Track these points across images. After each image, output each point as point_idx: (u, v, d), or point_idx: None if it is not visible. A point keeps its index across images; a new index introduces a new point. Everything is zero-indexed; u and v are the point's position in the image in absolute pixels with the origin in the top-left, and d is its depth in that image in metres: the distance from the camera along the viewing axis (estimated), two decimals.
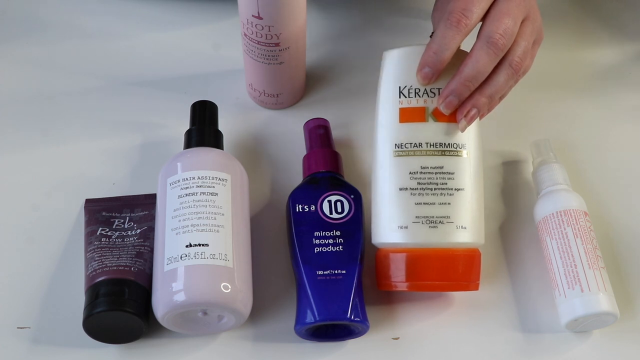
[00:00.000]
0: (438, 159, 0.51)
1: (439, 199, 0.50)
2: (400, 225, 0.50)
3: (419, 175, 0.50)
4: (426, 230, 0.50)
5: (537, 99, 0.67)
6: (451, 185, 0.50)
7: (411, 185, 0.50)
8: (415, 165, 0.51)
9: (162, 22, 0.71)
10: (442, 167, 0.50)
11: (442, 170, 0.50)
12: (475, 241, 0.51)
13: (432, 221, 0.50)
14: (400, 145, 0.51)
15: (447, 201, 0.50)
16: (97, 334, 0.50)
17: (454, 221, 0.50)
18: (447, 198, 0.50)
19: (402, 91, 0.52)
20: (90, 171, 0.60)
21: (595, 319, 0.51)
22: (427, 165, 0.51)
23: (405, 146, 0.51)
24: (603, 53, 0.71)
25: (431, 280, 0.50)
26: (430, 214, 0.50)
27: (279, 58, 0.59)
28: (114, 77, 0.67)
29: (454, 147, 0.51)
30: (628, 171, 0.62)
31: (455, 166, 0.51)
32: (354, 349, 0.52)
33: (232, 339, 0.52)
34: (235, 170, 0.54)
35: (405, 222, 0.50)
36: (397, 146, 0.51)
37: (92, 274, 0.50)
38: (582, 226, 0.53)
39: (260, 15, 0.56)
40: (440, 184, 0.50)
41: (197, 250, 0.48)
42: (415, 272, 0.50)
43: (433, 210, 0.50)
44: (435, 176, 0.50)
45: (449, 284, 0.51)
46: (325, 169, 0.56)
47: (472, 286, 0.51)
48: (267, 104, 0.64)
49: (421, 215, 0.50)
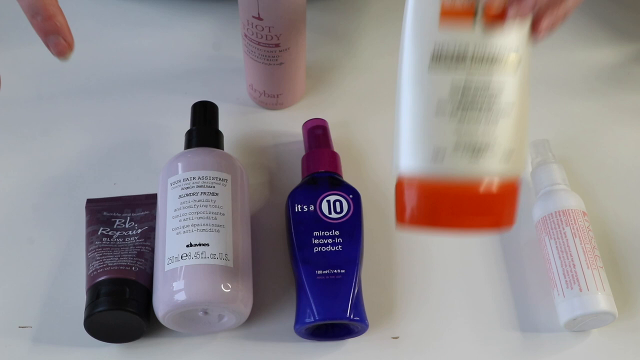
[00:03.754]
0: (484, 75, 0.42)
1: (482, 126, 0.42)
2: (436, 152, 0.42)
3: (460, 95, 0.42)
4: (467, 160, 0.42)
5: (535, 99, 0.67)
6: (497, 107, 0.42)
7: (450, 107, 0.41)
8: (457, 81, 0.41)
9: (162, 23, 0.72)
10: (488, 85, 0.42)
11: (487, 90, 0.42)
12: (518, 170, 0.44)
13: (473, 149, 0.42)
14: (439, 57, 0.42)
15: (491, 128, 0.42)
16: (98, 333, 0.50)
17: (498, 149, 0.42)
18: (491, 122, 0.42)
19: None
20: (91, 171, 0.61)
21: (594, 318, 0.51)
22: (471, 82, 0.42)
23: (445, 58, 0.41)
24: (603, 53, 0.71)
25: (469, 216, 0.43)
26: (473, 140, 0.42)
27: (279, 59, 0.60)
28: (114, 78, 0.67)
29: (504, 59, 0.42)
30: (627, 171, 0.62)
31: (503, 83, 0.42)
32: (354, 348, 0.52)
33: (232, 339, 0.52)
34: (235, 170, 0.54)
35: (442, 151, 0.42)
36: (435, 58, 0.42)
37: (93, 273, 0.51)
38: (581, 226, 0.53)
39: (261, 16, 0.56)
40: (485, 106, 0.42)
41: (197, 250, 0.49)
42: (452, 208, 0.43)
43: (476, 135, 0.42)
44: (479, 97, 0.42)
45: (487, 219, 0.44)
46: (324, 169, 0.56)
47: (509, 221, 0.44)
48: (267, 104, 0.64)
49: (462, 142, 0.41)
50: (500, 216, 0.44)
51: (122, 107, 0.65)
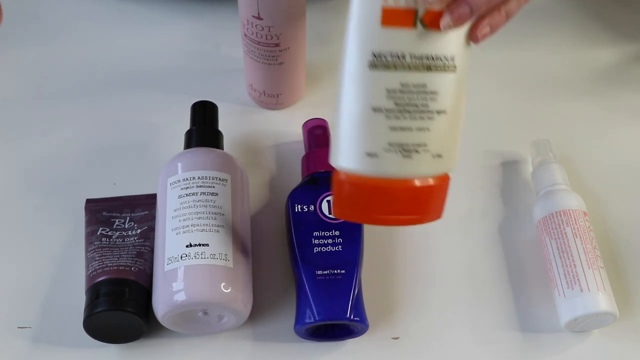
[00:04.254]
0: (422, 75, 0.42)
1: (418, 124, 0.42)
2: (370, 152, 0.42)
3: (398, 95, 0.42)
4: (399, 160, 0.42)
5: (536, 99, 0.67)
6: (432, 108, 0.42)
7: (387, 105, 0.42)
8: (394, 81, 0.42)
9: (162, 22, 0.72)
10: (425, 85, 0.42)
11: (424, 89, 0.42)
12: (449, 168, 0.45)
13: (406, 149, 0.42)
14: (379, 56, 0.41)
15: (426, 126, 0.42)
16: (98, 334, 0.50)
17: (430, 149, 0.43)
18: (426, 122, 0.42)
19: None
20: (91, 171, 0.60)
21: (595, 318, 0.51)
22: (408, 83, 0.42)
23: (385, 57, 0.41)
24: (603, 53, 0.71)
25: (396, 214, 0.44)
26: (406, 140, 0.42)
27: (279, 58, 0.59)
28: (113, 77, 0.67)
29: (442, 60, 0.42)
30: (627, 171, 0.62)
31: (439, 84, 0.42)
32: (354, 348, 0.52)
33: (232, 339, 0.52)
34: (235, 170, 0.54)
35: (375, 150, 0.42)
36: (375, 56, 0.41)
37: (92, 273, 0.51)
38: (582, 226, 0.53)
39: (261, 16, 0.56)
40: (420, 105, 0.42)
41: (197, 250, 0.48)
42: (381, 205, 0.44)
43: (409, 136, 0.42)
44: (416, 96, 0.42)
45: (415, 217, 0.45)
46: (324, 169, 0.56)
47: (436, 215, 0.46)
48: (267, 104, 0.64)
49: (394, 143, 0.42)
50: (428, 212, 0.45)
51: (121, 106, 0.65)
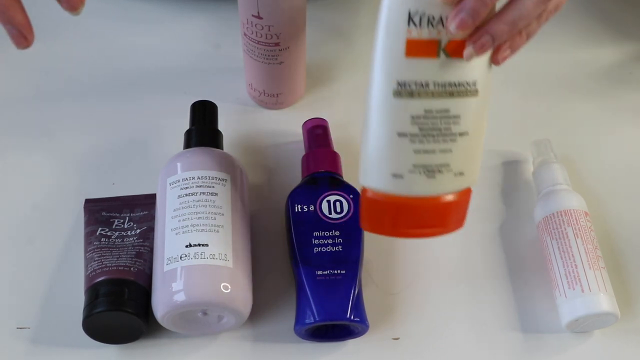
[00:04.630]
0: (445, 101, 0.44)
1: (441, 146, 0.44)
2: (395, 173, 0.45)
3: (421, 120, 0.44)
4: (423, 180, 0.45)
5: (537, 99, 0.67)
6: (455, 130, 0.44)
7: (412, 131, 0.44)
8: (418, 108, 0.43)
9: (162, 22, 0.72)
10: (448, 110, 0.44)
11: (447, 114, 0.44)
12: (471, 183, 0.47)
13: (430, 170, 0.45)
14: (403, 84, 0.43)
15: (449, 148, 0.44)
16: (97, 334, 0.50)
17: (453, 169, 0.45)
18: (449, 145, 0.44)
19: (413, 18, 0.42)
20: (90, 171, 0.60)
21: (596, 319, 0.51)
22: (431, 109, 0.44)
23: (409, 85, 0.43)
24: (603, 53, 0.71)
25: (421, 228, 0.47)
26: (429, 162, 0.44)
27: (279, 58, 0.59)
28: (113, 77, 0.67)
29: (464, 86, 0.44)
30: (628, 171, 0.62)
31: (462, 108, 0.44)
32: (354, 349, 0.52)
33: (232, 339, 0.52)
34: (235, 170, 0.54)
35: (400, 171, 0.44)
36: (399, 85, 0.43)
37: (91, 274, 0.50)
38: (583, 226, 0.53)
39: (260, 15, 0.56)
40: (444, 129, 0.44)
41: (197, 250, 0.48)
42: (406, 220, 0.47)
43: (433, 158, 0.44)
44: (439, 121, 0.44)
45: (438, 230, 0.48)
46: (324, 169, 0.56)
47: (458, 226, 0.48)
48: (267, 104, 0.64)
49: (419, 164, 0.44)
50: (450, 224, 0.47)
51: (121, 106, 0.65)
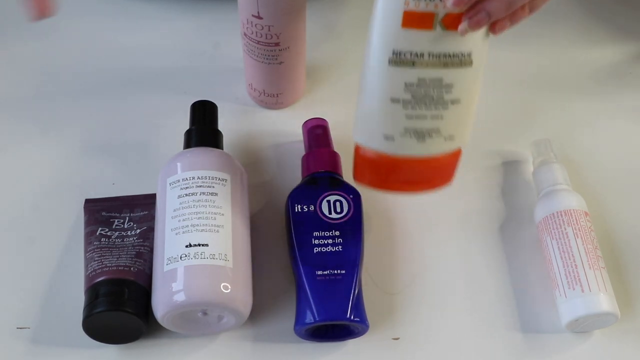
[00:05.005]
0: (438, 71, 0.45)
1: (432, 113, 0.46)
2: (387, 135, 0.47)
3: (415, 88, 0.46)
4: (413, 143, 0.47)
5: (537, 99, 0.67)
6: (447, 98, 0.46)
7: (405, 97, 0.46)
8: (412, 76, 0.45)
9: (162, 22, 0.72)
10: (441, 79, 0.45)
11: (440, 83, 0.46)
12: (461, 145, 0.49)
13: (420, 134, 0.47)
14: (398, 54, 0.45)
15: (440, 114, 0.46)
16: (97, 334, 0.50)
17: (443, 134, 0.47)
18: (440, 112, 0.46)
19: None
20: (90, 171, 0.60)
21: (596, 319, 0.51)
22: (425, 78, 0.45)
23: (404, 55, 0.45)
24: (603, 53, 0.71)
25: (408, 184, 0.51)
26: (420, 127, 0.47)
27: (279, 58, 0.59)
28: (113, 77, 0.67)
29: (458, 57, 0.45)
30: (628, 171, 0.62)
31: (455, 78, 0.46)
32: (354, 349, 0.52)
33: (232, 339, 0.52)
34: (235, 170, 0.54)
35: (392, 133, 0.47)
36: (395, 54, 0.45)
37: (91, 274, 0.50)
38: (583, 226, 0.53)
39: (260, 15, 0.56)
40: (436, 97, 0.46)
41: (196, 250, 0.48)
42: (394, 177, 0.50)
43: (423, 123, 0.47)
44: (432, 89, 0.46)
45: (425, 186, 0.52)
46: (324, 169, 0.56)
47: (446, 182, 0.51)
48: (267, 104, 0.64)
49: (410, 128, 0.47)
50: (438, 182, 0.51)
51: (121, 106, 0.65)
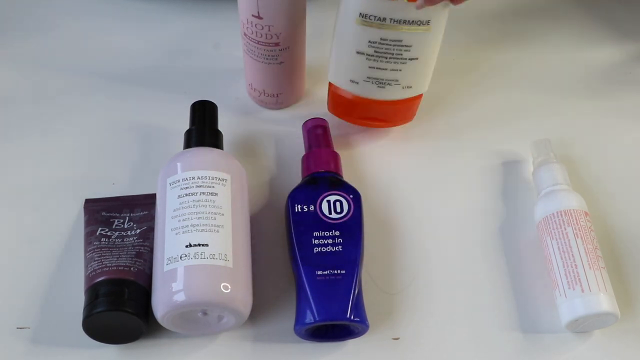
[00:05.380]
0: (399, 34, 0.53)
1: (392, 66, 0.55)
2: (353, 80, 0.56)
3: (377, 45, 0.53)
4: (375, 89, 0.56)
5: (537, 99, 0.67)
6: (406, 56, 0.54)
7: (368, 52, 0.54)
8: (375, 36, 0.53)
9: (162, 22, 0.72)
10: (401, 40, 0.53)
11: (400, 44, 0.53)
12: (420, 92, 0.58)
13: (381, 82, 0.56)
14: (364, 16, 0.52)
15: (398, 68, 0.55)
16: (97, 334, 0.50)
17: (401, 83, 0.56)
18: (399, 66, 0.55)
19: None
20: (90, 171, 0.60)
21: (596, 319, 0.51)
22: (387, 38, 0.53)
23: (369, 17, 0.52)
24: (603, 53, 0.71)
25: (371, 120, 0.61)
26: (381, 77, 0.55)
27: (279, 58, 0.59)
28: (113, 77, 0.67)
29: (417, 24, 0.52)
30: (628, 171, 0.62)
31: (414, 40, 0.53)
32: (354, 349, 0.52)
33: (232, 339, 0.52)
34: (235, 170, 0.54)
35: (357, 79, 0.56)
36: (361, 15, 0.52)
37: (91, 274, 0.50)
38: (583, 226, 0.53)
39: (260, 15, 0.56)
40: (395, 54, 0.54)
41: (197, 250, 0.48)
42: (359, 113, 0.60)
43: (384, 74, 0.55)
44: (392, 47, 0.53)
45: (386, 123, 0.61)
46: (324, 169, 0.56)
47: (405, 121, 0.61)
48: (267, 103, 0.64)
49: (372, 77, 0.56)
50: (400, 120, 0.61)
51: (121, 106, 0.65)
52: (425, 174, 0.61)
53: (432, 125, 0.64)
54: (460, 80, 0.68)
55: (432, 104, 0.66)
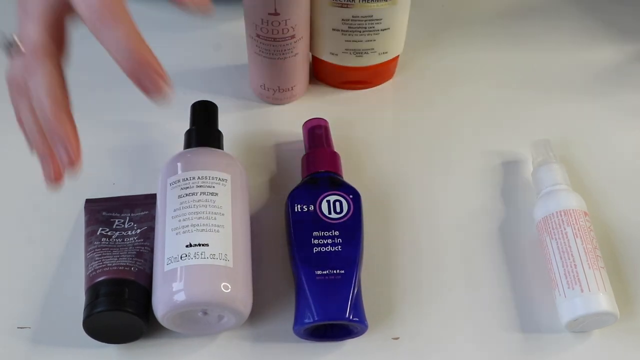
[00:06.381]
0: (368, 10, 0.59)
1: (366, 38, 0.61)
2: (332, 52, 0.63)
3: (350, 22, 0.60)
4: (353, 58, 0.63)
5: (537, 99, 0.67)
6: (378, 28, 0.61)
7: (343, 28, 0.61)
8: (347, 14, 0.59)
9: (162, 22, 0.72)
10: (371, 15, 0.60)
11: (371, 18, 0.60)
12: (395, 54, 0.65)
13: (358, 52, 0.62)
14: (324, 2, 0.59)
15: (372, 39, 0.61)
16: (97, 334, 0.50)
17: (377, 51, 0.63)
18: (372, 37, 0.61)
19: None
20: (90, 171, 0.60)
21: (595, 319, 0.51)
22: (358, 15, 0.59)
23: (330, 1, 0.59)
24: (603, 53, 0.71)
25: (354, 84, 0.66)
26: (357, 47, 0.62)
27: (294, 50, 0.60)
28: (113, 77, 0.67)
29: (384, 0, 0.59)
30: (628, 171, 0.62)
31: (383, 14, 0.60)
32: (353, 349, 0.52)
33: (232, 339, 0.52)
34: (235, 170, 0.54)
35: (336, 52, 0.63)
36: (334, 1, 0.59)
37: (92, 274, 0.50)
38: (582, 226, 0.53)
39: (277, 12, 0.56)
40: (368, 27, 0.60)
41: (197, 250, 0.48)
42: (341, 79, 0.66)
43: (360, 45, 0.62)
44: (364, 22, 0.60)
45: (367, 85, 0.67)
46: (324, 169, 0.56)
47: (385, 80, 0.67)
48: (281, 99, 0.64)
49: (349, 49, 0.62)
50: (382, 80, 0.67)
51: (121, 106, 0.65)
52: (425, 174, 0.61)
53: (432, 126, 0.64)
54: (460, 80, 0.68)
55: (432, 104, 0.66)
